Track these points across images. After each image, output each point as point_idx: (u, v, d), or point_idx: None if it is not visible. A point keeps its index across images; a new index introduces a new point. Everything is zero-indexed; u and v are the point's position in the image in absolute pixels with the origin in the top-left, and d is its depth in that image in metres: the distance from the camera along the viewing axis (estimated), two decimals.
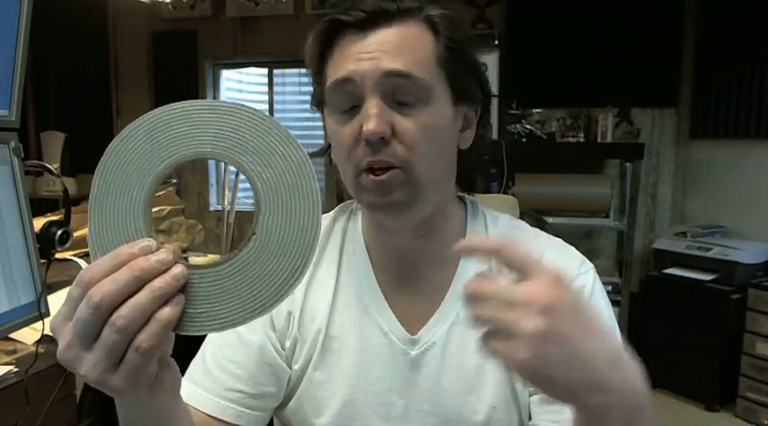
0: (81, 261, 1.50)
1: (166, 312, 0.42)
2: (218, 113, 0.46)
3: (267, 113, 0.47)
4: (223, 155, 0.46)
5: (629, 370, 0.46)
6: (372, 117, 0.61)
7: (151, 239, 0.44)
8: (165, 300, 0.42)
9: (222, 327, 0.45)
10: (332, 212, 0.79)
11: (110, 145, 0.46)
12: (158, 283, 0.42)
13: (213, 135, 0.46)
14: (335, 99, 0.65)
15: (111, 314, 0.41)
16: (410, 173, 0.63)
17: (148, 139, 0.46)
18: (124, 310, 0.41)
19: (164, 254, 0.42)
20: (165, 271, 0.42)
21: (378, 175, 0.63)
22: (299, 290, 0.72)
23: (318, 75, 0.68)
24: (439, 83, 0.65)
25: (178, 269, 0.43)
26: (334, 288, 0.73)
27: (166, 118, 0.46)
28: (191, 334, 0.45)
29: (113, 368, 0.42)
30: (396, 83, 0.62)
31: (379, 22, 0.64)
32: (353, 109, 0.64)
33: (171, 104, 0.46)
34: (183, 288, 0.43)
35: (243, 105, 0.46)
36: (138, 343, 0.41)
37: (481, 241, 0.46)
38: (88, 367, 0.42)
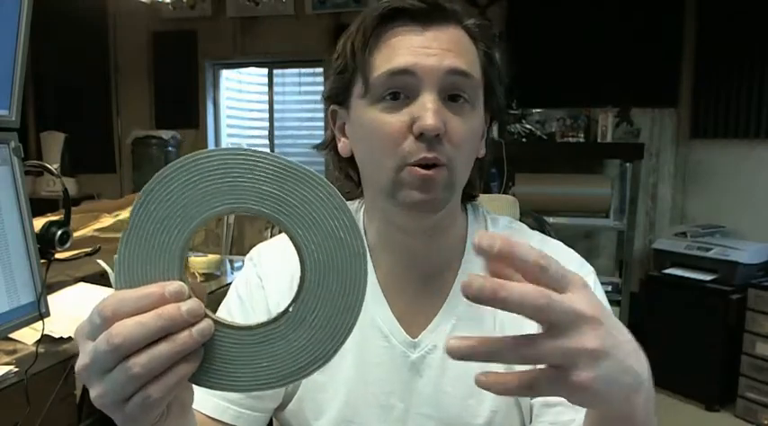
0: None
1: (184, 368, 0.41)
2: (290, 176, 0.42)
3: (339, 194, 0.43)
4: (280, 222, 0.42)
5: (643, 356, 0.45)
6: (432, 111, 0.60)
7: (183, 284, 0.41)
8: (185, 354, 0.41)
9: (231, 389, 0.43)
10: None
11: (162, 171, 0.42)
12: (184, 338, 0.40)
13: (278, 198, 0.42)
14: (384, 88, 0.63)
15: (128, 355, 0.39)
16: (452, 172, 0.63)
17: (206, 180, 0.42)
18: (143, 358, 0.39)
19: (195, 305, 0.41)
20: (192, 324, 0.40)
21: (425, 172, 0.62)
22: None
23: (360, 64, 0.65)
24: (481, 89, 0.67)
25: (205, 324, 0.41)
26: None
27: (233, 161, 0.42)
28: (197, 385, 0.44)
29: (120, 404, 0.41)
30: (454, 82, 0.63)
31: (436, 18, 0.64)
32: (399, 100, 0.63)
33: (247, 149, 0.42)
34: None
35: (318, 176, 0.42)
36: (149, 393, 0.40)
37: (498, 245, 0.39)
38: (96, 393, 0.41)
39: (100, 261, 1.47)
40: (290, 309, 0.43)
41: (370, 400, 0.70)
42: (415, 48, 0.63)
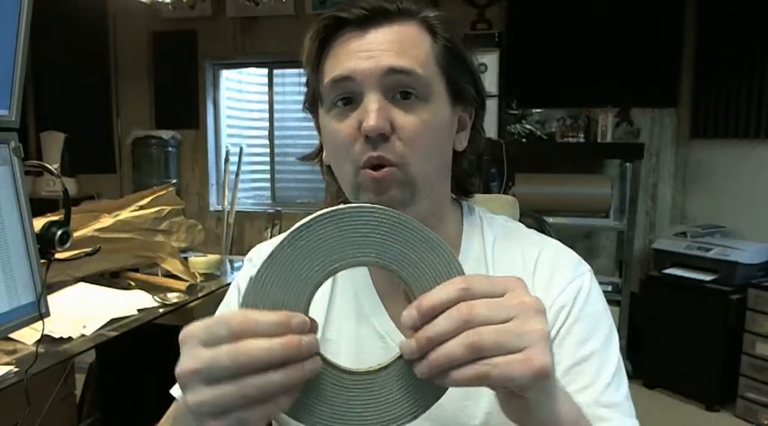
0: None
1: (285, 399, 0.42)
2: (425, 243, 0.46)
3: (457, 260, 0.47)
4: (409, 283, 0.46)
5: None
6: (373, 112, 0.60)
7: (308, 319, 0.43)
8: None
9: (312, 424, 0.45)
10: None
11: (320, 213, 0.45)
12: (297, 371, 0.41)
13: (411, 260, 0.46)
14: (333, 96, 0.64)
15: (244, 374, 0.41)
16: (406, 170, 0.62)
17: (357, 231, 0.46)
18: (258, 381, 0.40)
19: (314, 341, 0.42)
20: (306, 359, 0.42)
21: (375, 173, 0.62)
22: None
23: (315, 74, 0.67)
24: (438, 82, 0.65)
25: (316, 364, 0.43)
26: (330, 292, 0.72)
27: (383, 219, 0.46)
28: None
29: (216, 415, 0.42)
30: (397, 79, 0.62)
31: (379, 20, 0.64)
32: (351, 105, 0.64)
33: (396, 212, 0.46)
34: None
35: (446, 246, 0.47)
36: (248, 415, 0.41)
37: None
38: (196, 400, 0.42)
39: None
40: (396, 362, 0.45)
41: None
42: (353, 53, 0.63)
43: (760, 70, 3.02)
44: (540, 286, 0.69)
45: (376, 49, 0.62)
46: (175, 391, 0.69)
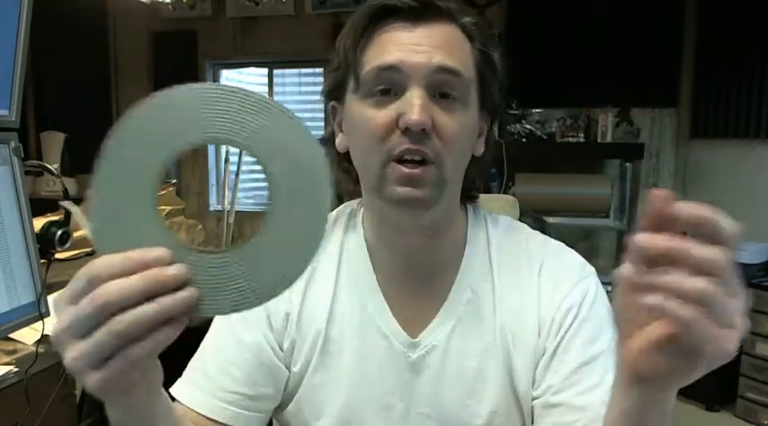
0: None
1: (167, 331, 0.41)
2: (260, 107, 0.46)
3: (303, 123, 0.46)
4: (252, 151, 0.45)
5: None
6: (417, 106, 0.61)
7: (166, 250, 0.42)
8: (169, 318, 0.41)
9: (215, 312, 0.45)
10: (333, 212, 0.79)
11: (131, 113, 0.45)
12: (169, 302, 0.40)
13: (250, 128, 0.45)
14: (374, 84, 0.64)
15: (111, 315, 0.40)
16: (442, 169, 0.63)
17: (181, 112, 0.45)
18: (127, 317, 0.40)
19: (183, 271, 0.41)
20: (178, 289, 0.41)
21: (411, 168, 0.62)
22: (296, 290, 0.71)
23: (351, 61, 0.66)
24: (474, 87, 0.67)
25: (189, 292, 0.41)
26: (333, 290, 0.72)
27: (211, 95, 0.46)
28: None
29: (96, 365, 0.41)
30: (443, 79, 0.63)
31: (428, 16, 0.64)
32: (389, 96, 0.63)
33: (218, 84, 0.46)
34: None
35: (280, 104, 0.46)
36: (131, 352, 0.40)
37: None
38: (73, 355, 0.41)
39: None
40: (260, 234, 0.45)
41: (370, 400, 0.70)
42: (403, 45, 0.63)
43: (760, 70, 3.02)
44: (546, 288, 0.70)
45: (427, 45, 0.63)
46: (176, 391, 0.69)
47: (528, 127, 3.33)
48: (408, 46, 0.63)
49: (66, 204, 1.27)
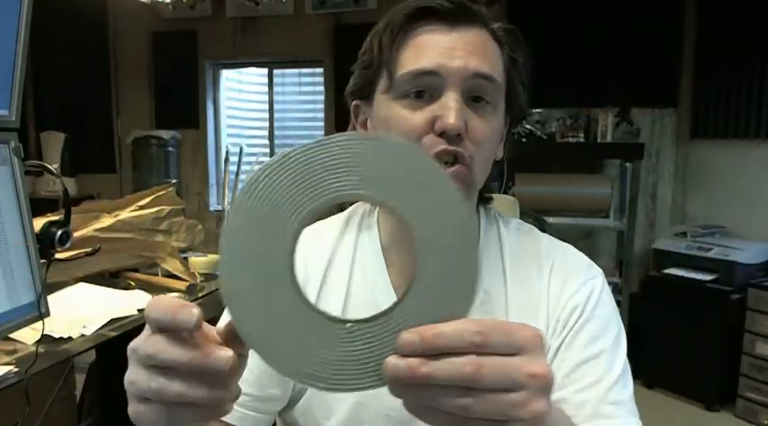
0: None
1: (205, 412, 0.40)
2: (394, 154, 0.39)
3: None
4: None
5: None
6: (454, 110, 0.62)
7: (231, 355, 0.38)
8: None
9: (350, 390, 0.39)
10: (345, 212, 0.79)
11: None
12: (206, 396, 0.39)
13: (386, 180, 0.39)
14: (411, 86, 0.64)
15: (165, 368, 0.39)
16: (473, 171, 0.64)
17: (313, 175, 0.39)
18: (172, 387, 0.39)
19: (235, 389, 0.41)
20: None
21: (446, 169, 0.62)
22: (310, 291, 0.71)
23: (386, 60, 0.66)
24: (503, 93, 0.68)
25: (226, 394, 0.40)
26: (346, 290, 0.72)
27: (348, 148, 0.39)
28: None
29: (139, 399, 0.40)
30: (479, 84, 0.64)
31: (463, 20, 0.65)
32: (423, 99, 0.64)
33: (349, 134, 0.39)
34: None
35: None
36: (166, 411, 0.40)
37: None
38: (127, 378, 0.41)
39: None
40: (394, 309, 0.39)
41: (381, 400, 0.70)
42: (441, 49, 0.64)
43: (760, 70, 3.02)
44: (555, 289, 0.70)
45: (463, 50, 0.64)
46: None
47: (528, 127, 3.33)
48: (446, 50, 0.64)
49: None
